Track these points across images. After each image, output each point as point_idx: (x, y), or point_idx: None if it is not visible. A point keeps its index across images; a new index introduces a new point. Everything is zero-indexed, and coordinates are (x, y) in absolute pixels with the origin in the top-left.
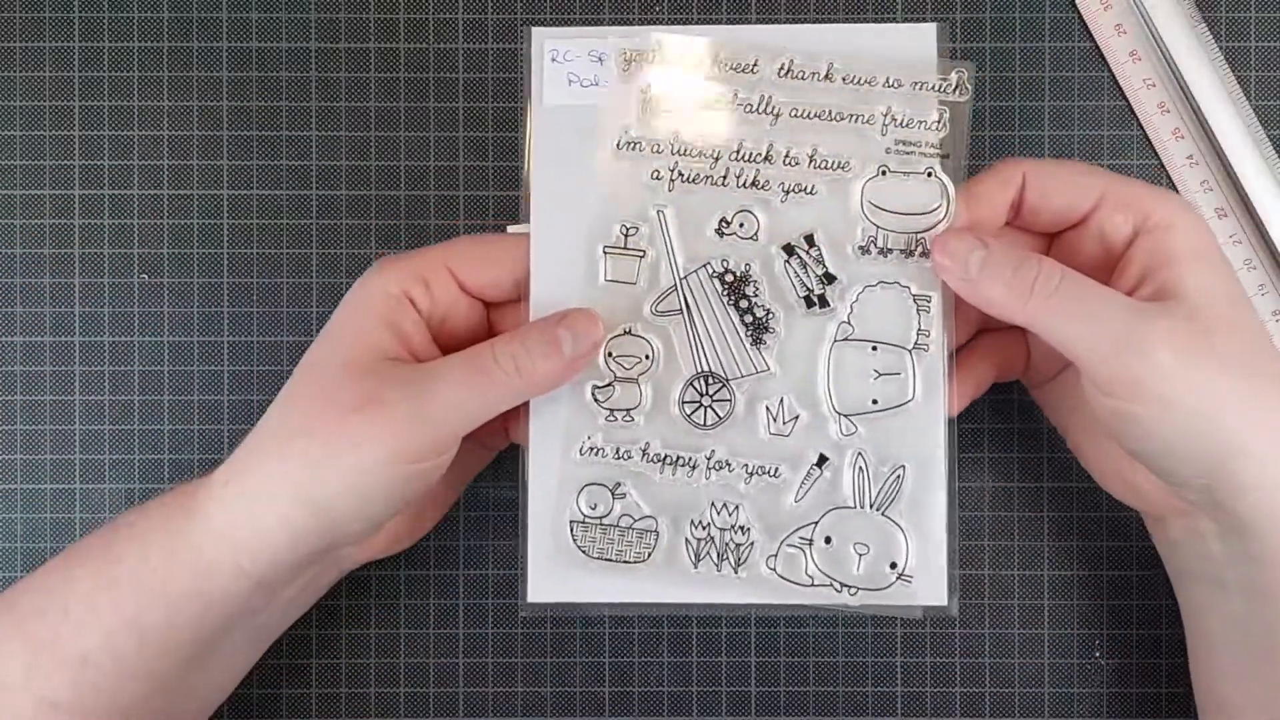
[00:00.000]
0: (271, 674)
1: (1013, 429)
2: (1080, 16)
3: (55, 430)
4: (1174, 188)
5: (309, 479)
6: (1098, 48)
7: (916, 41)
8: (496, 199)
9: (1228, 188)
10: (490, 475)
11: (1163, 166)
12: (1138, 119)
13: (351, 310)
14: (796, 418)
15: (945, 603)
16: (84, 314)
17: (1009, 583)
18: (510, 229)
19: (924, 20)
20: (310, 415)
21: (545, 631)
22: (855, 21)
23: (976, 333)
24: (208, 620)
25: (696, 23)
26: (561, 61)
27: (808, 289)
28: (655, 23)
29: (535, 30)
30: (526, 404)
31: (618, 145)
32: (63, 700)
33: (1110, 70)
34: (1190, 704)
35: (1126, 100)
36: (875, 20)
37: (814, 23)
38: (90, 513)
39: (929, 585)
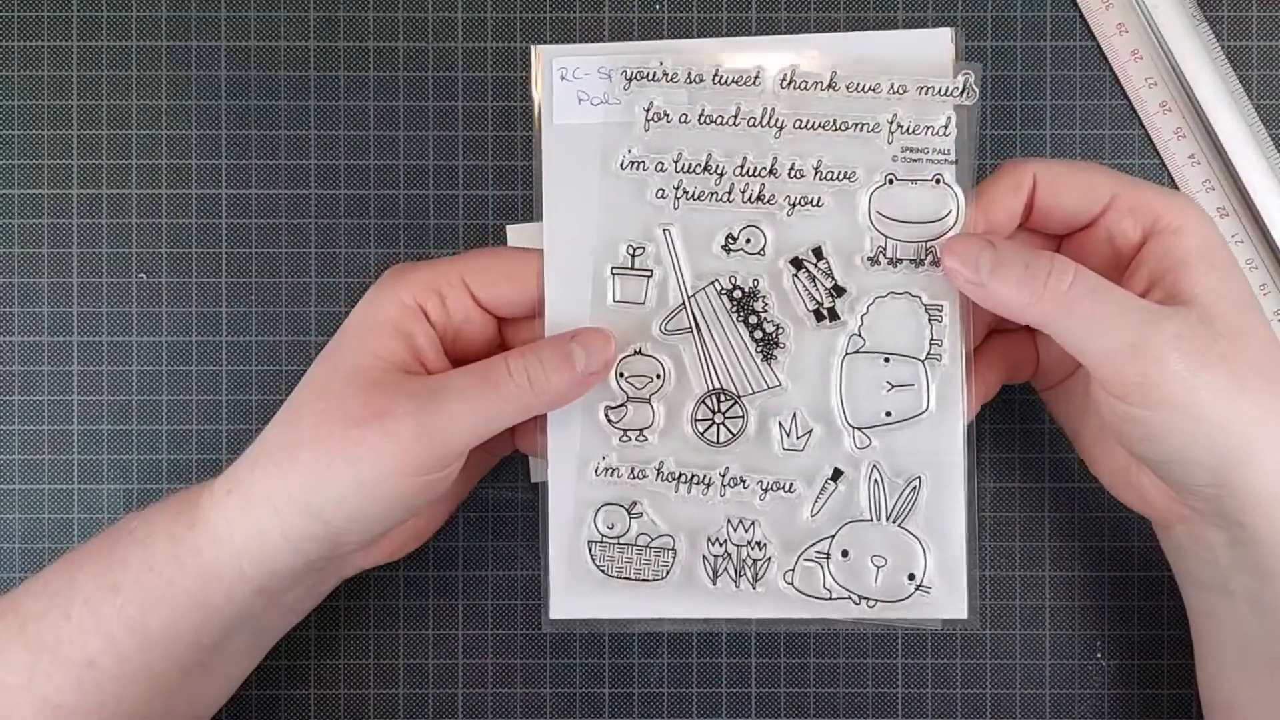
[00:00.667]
0: (270, 675)
1: (1014, 429)
2: (1082, 15)
3: (53, 430)
4: (1175, 187)
5: (312, 490)
6: (1099, 47)
7: (930, 47)
8: (495, 198)
9: (1230, 187)
10: (489, 476)
11: (1164, 166)
12: (1139, 118)
13: (363, 319)
14: (810, 432)
15: (965, 615)
16: (82, 314)
17: (1010, 583)
18: (510, 229)
19: (926, 16)
20: (316, 426)
21: (544, 633)
22: (857, 15)
23: (986, 335)
24: (210, 625)
25: (697, 19)
26: (571, 79)
27: (817, 302)
28: (655, 19)
29: (544, 49)
30: (542, 420)
31: (621, 164)
32: (65, 702)
33: (1112, 69)
34: (1192, 705)
35: (1128, 99)
36: (878, 15)
37: (816, 15)
38: (88, 513)
39: (949, 597)
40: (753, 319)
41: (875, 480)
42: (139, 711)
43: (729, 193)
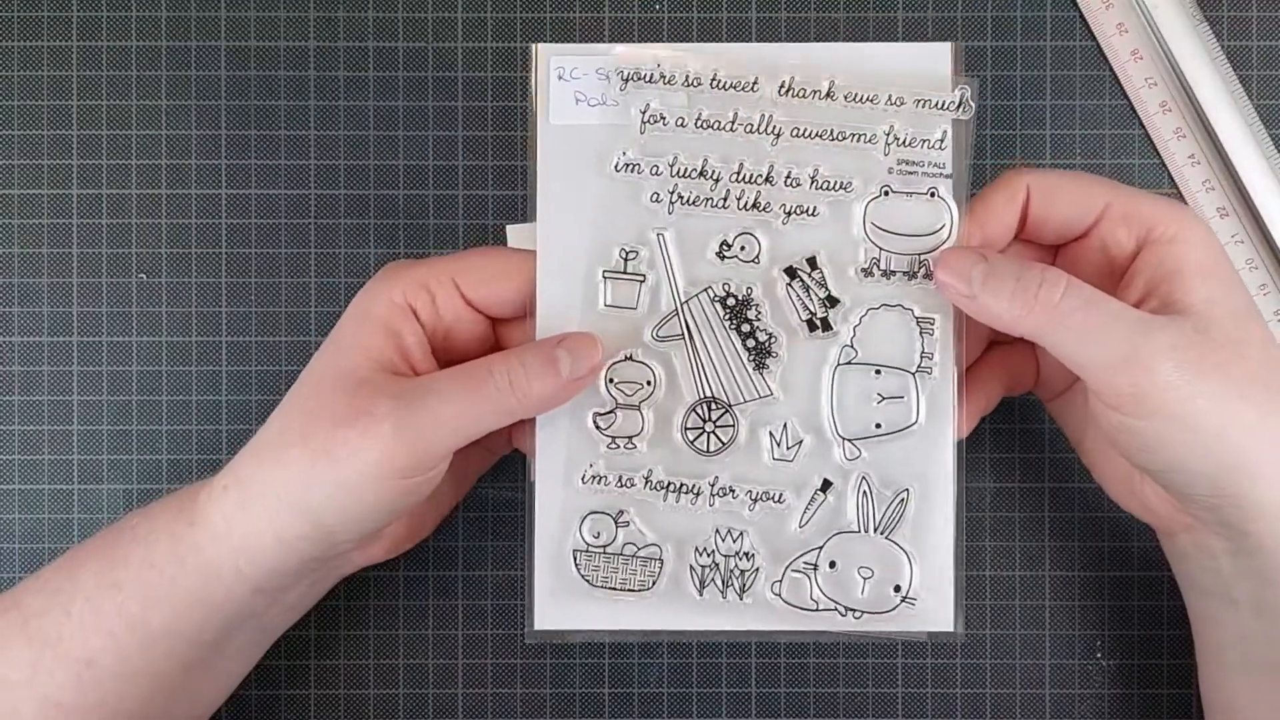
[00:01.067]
0: (270, 675)
1: (1014, 429)
2: (1081, 15)
3: (53, 430)
4: (1175, 187)
5: (301, 489)
6: (1099, 46)
7: (930, 61)
8: (495, 198)
9: (1229, 187)
10: (489, 476)
11: (1164, 166)
12: (1139, 118)
13: (354, 318)
14: (800, 443)
15: (951, 628)
16: (81, 314)
17: (1010, 583)
18: (510, 229)
19: (926, 16)
20: (305, 425)
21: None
22: (857, 15)
23: (986, 347)
24: (211, 623)
25: (697, 19)
26: (568, 79)
27: (810, 312)
28: (655, 19)
29: (541, 47)
30: (532, 424)
31: (616, 167)
32: (66, 700)
33: (1112, 69)
34: (1192, 705)
35: (1128, 99)
36: (878, 15)
37: (816, 16)
38: (88, 513)
39: (934, 609)
40: (745, 327)
41: (864, 492)
42: (140, 710)
43: (724, 199)
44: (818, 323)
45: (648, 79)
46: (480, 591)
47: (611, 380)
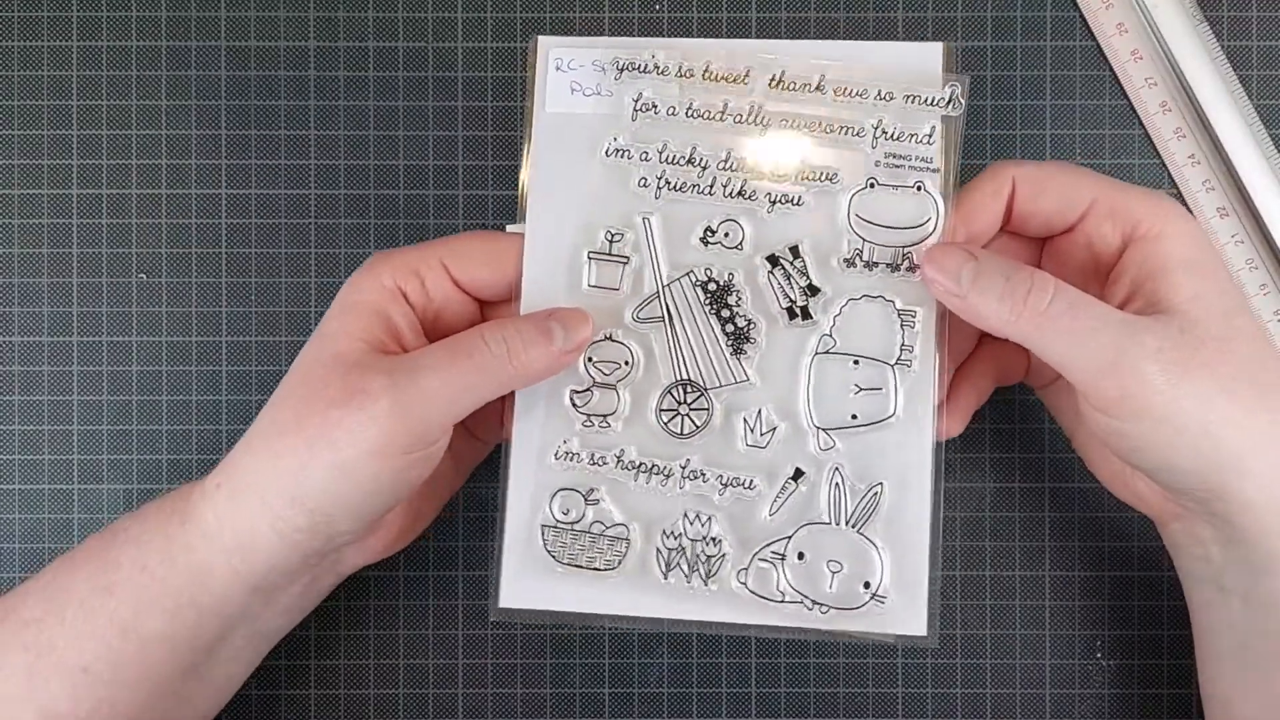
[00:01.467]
0: (270, 675)
1: (1014, 429)
2: (1081, 15)
3: (53, 430)
4: (1175, 187)
5: (296, 477)
6: (1099, 47)
7: (921, 60)
8: (495, 198)
9: (1229, 187)
10: (488, 476)
11: (1164, 166)
12: (1139, 118)
13: (343, 304)
14: (774, 430)
15: (925, 632)
16: (81, 314)
17: (1010, 583)
18: (509, 229)
19: (926, 16)
20: (298, 412)
21: (544, 633)
22: (857, 15)
23: (976, 344)
24: (206, 626)
25: (697, 19)
26: (566, 70)
27: (790, 300)
28: (655, 19)
29: (541, 39)
30: (510, 400)
31: (606, 152)
32: (63, 710)
33: (1112, 69)
34: (1192, 705)
35: (1128, 99)
36: (877, 15)
37: (816, 16)
38: (88, 513)
39: (905, 609)
40: (725, 312)
41: (836, 483)
42: (136, 716)
43: (710, 186)
44: (798, 311)
45: (642, 69)
46: (480, 591)
47: (590, 359)
